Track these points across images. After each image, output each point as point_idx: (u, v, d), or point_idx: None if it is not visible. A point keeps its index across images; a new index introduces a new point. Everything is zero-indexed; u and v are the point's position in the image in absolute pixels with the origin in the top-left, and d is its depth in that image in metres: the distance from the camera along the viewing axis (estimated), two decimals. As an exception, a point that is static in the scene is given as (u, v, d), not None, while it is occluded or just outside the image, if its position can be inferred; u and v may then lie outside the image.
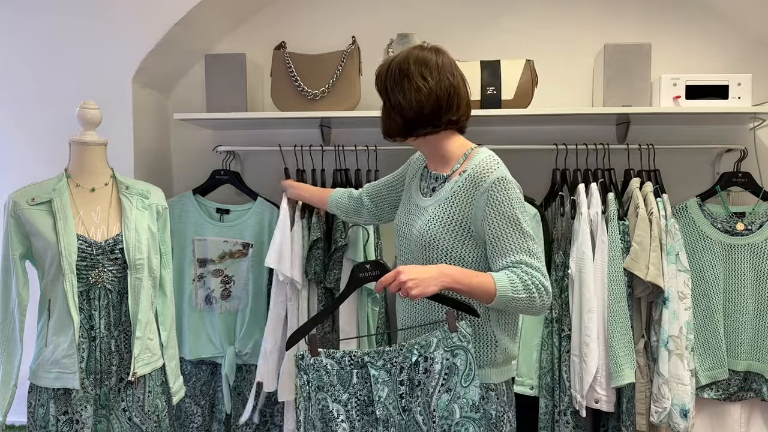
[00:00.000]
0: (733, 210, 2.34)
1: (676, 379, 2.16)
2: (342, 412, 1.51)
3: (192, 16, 2.39)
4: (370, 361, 1.52)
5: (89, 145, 1.88)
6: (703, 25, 2.53)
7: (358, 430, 1.51)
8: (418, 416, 1.50)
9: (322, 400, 1.50)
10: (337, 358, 1.53)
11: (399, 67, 1.59)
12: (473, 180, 1.54)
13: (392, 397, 1.51)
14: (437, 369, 1.49)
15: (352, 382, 1.52)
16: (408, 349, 1.52)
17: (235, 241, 2.39)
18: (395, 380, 1.52)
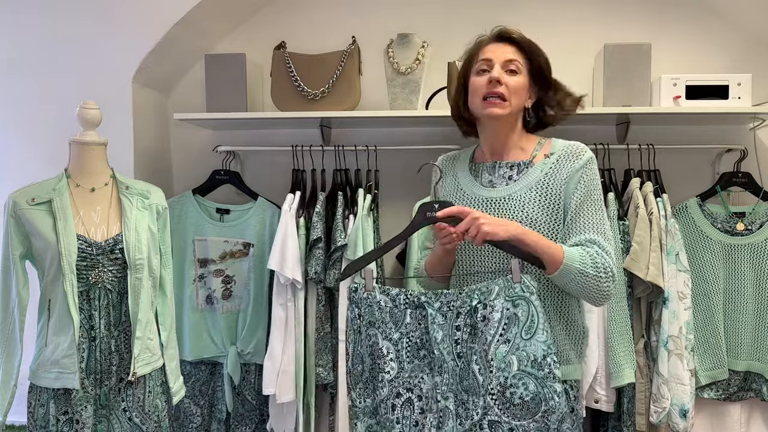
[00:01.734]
0: (733, 210, 2.34)
1: (675, 379, 2.16)
2: (392, 351, 1.45)
3: (192, 16, 2.39)
4: (427, 301, 1.46)
5: (89, 145, 1.88)
6: (703, 25, 2.53)
7: (406, 372, 1.45)
8: (474, 365, 1.42)
9: (372, 335, 1.45)
10: (392, 295, 1.47)
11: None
12: (568, 157, 1.55)
13: (447, 342, 1.44)
14: (496, 317, 1.42)
15: (405, 322, 1.46)
16: (467, 294, 1.46)
17: (235, 241, 2.39)
18: (451, 324, 1.45)
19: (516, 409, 1.39)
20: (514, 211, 1.53)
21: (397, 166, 2.55)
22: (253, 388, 2.38)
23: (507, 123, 1.58)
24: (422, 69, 2.34)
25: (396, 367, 1.45)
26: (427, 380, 1.45)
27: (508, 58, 1.55)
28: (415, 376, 1.46)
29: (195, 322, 2.37)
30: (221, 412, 2.39)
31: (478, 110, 1.57)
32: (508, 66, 1.55)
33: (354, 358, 1.48)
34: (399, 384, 1.45)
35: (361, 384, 1.47)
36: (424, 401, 1.45)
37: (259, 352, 2.35)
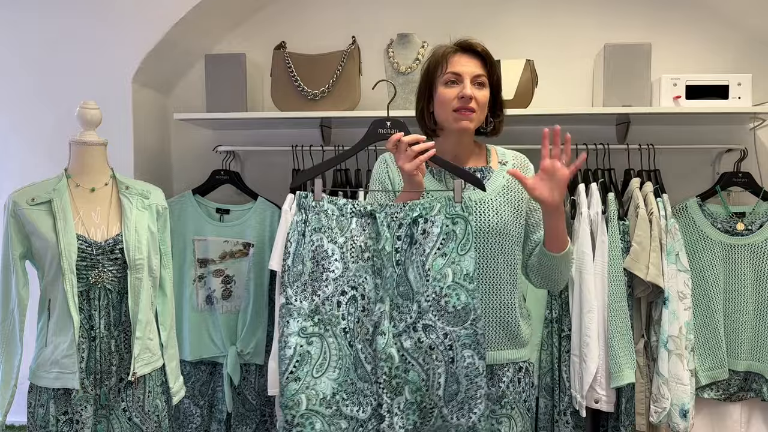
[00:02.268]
0: (733, 210, 2.34)
1: (675, 379, 2.16)
2: (337, 252, 1.51)
3: (192, 16, 2.39)
4: (373, 210, 1.53)
5: (89, 145, 1.88)
6: (703, 25, 2.53)
7: (351, 271, 1.52)
8: (410, 273, 1.50)
9: (317, 240, 1.51)
10: (339, 204, 1.54)
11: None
12: (519, 168, 1.68)
13: (387, 248, 1.51)
14: (435, 232, 1.50)
15: (350, 227, 1.53)
16: (411, 207, 1.52)
17: (235, 241, 2.39)
18: (393, 234, 1.52)
19: (450, 317, 1.48)
20: (489, 214, 1.61)
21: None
22: (254, 388, 2.38)
23: (471, 132, 1.67)
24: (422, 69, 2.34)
25: (341, 267, 1.51)
26: (370, 281, 1.52)
27: (476, 73, 1.61)
28: (360, 275, 1.52)
29: (195, 323, 2.37)
30: (221, 412, 2.39)
31: (448, 122, 1.63)
32: (476, 81, 1.61)
33: (295, 258, 1.51)
34: (344, 282, 1.51)
35: (299, 283, 1.51)
36: (365, 300, 1.51)
37: (259, 353, 2.35)
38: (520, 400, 1.66)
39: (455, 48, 1.63)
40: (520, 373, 1.67)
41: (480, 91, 1.61)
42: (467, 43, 1.63)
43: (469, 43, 1.63)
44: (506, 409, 1.63)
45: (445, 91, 1.61)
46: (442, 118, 1.64)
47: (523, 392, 1.67)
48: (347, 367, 1.50)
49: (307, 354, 1.49)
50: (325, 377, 1.49)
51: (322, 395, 1.48)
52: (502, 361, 1.65)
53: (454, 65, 1.61)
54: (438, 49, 1.65)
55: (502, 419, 1.63)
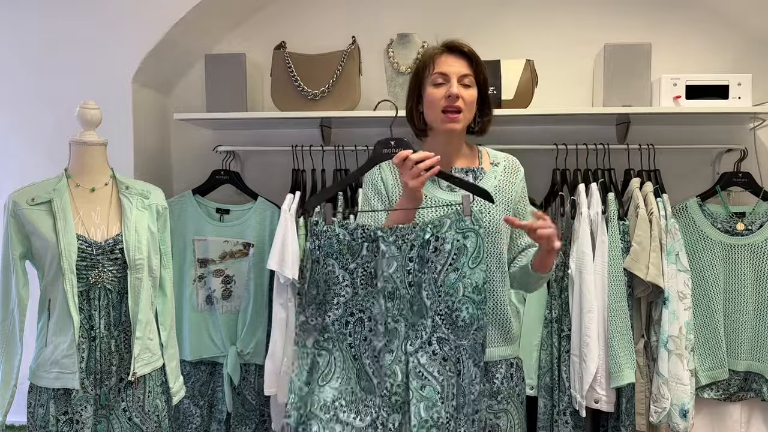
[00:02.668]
0: (733, 210, 2.34)
1: (675, 379, 2.16)
2: (347, 278, 1.56)
3: (192, 16, 2.39)
4: (382, 236, 1.55)
5: (89, 145, 1.88)
6: (703, 25, 2.53)
7: (360, 297, 1.56)
8: (424, 292, 1.53)
9: (329, 265, 1.57)
10: (350, 229, 1.57)
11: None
12: (511, 170, 1.73)
13: (400, 272, 1.54)
14: (447, 249, 1.53)
15: (361, 254, 1.56)
16: (421, 228, 1.55)
17: (235, 241, 2.39)
18: (405, 256, 1.54)
19: (459, 330, 1.52)
20: (481, 214, 1.63)
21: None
22: (253, 388, 2.38)
23: (459, 133, 1.69)
24: (422, 69, 2.34)
25: (350, 292, 1.57)
26: (377, 305, 1.55)
27: (463, 73, 1.63)
28: (368, 300, 1.56)
29: (195, 322, 2.37)
30: (221, 412, 2.39)
31: (437, 123, 1.66)
32: (462, 80, 1.64)
33: (309, 284, 1.58)
34: (353, 306, 1.57)
35: (314, 306, 1.58)
36: (373, 322, 1.56)
37: (259, 352, 2.35)
38: (514, 394, 1.71)
39: (442, 49, 1.67)
40: (512, 368, 1.72)
41: (467, 90, 1.64)
42: (453, 44, 1.66)
43: (455, 43, 1.66)
44: (502, 405, 1.68)
45: (433, 91, 1.64)
46: (431, 118, 1.67)
47: (516, 387, 1.72)
48: (349, 377, 1.57)
49: (316, 363, 1.58)
50: (328, 386, 1.56)
51: (323, 401, 1.55)
52: (496, 358, 1.69)
53: (440, 65, 1.64)
54: (425, 51, 1.70)
55: (499, 414, 1.68)
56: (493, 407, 1.67)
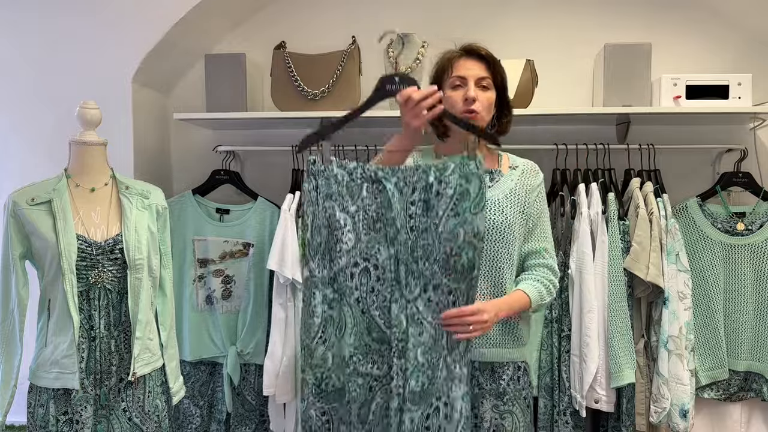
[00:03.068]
0: (734, 210, 2.34)
1: (675, 380, 2.16)
2: (349, 222, 1.52)
3: (192, 16, 2.39)
4: (385, 176, 1.52)
5: (89, 145, 1.88)
6: (703, 25, 2.53)
7: (363, 243, 1.53)
8: (424, 237, 1.52)
9: (329, 208, 1.52)
10: (349, 169, 1.54)
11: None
12: (529, 174, 1.75)
13: (401, 216, 1.52)
14: (449, 193, 1.50)
15: (361, 195, 1.53)
16: (424, 170, 1.51)
17: (235, 241, 2.39)
18: (406, 200, 1.52)
19: (457, 275, 1.50)
20: (494, 212, 1.67)
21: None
22: (253, 388, 2.38)
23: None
24: (422, 69, 2.34)
25: (353, 238, 1.52)
26: (383, 251, 1.52)
27: (480, 75, 1.67)
28: (372, 246, 1.53)
29: (195, 323, 2.37)
30: (221, 412, 2.39)
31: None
32: (480, 83, 1.67)
33: (313, 230, 1.53)
34: (356, 254, 1.53)
35: (319, 255, 1.53)
36: (380, 270, 1.53)
37: (258, 353, 2.35)
38: (520, 397, 1.72)
39: (460, 53, 1.70)
40: (519, 371, 1.73)
41: (484, 93, 1.67)
42: (471, 47, 1.70)
43: (473, 47, 1.70)
44: (508, 406, 1.69)
45: (452, 94, 1.67)
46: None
47: (523, 390, 1.73)
48: (361, 332, 1.54)
49: (331, 318, 1.55)
50: (343, 341, 1.54)
51: (342, 356, 1.54)
52: (503, 360, 1.70)
53: (458, 69, 1.68)
54: (444, 55, 1.72)
55: (505, 415, 1.69)
56: (499, 408, 1.69)
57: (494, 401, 1.69)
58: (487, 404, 1.68)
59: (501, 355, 1.70)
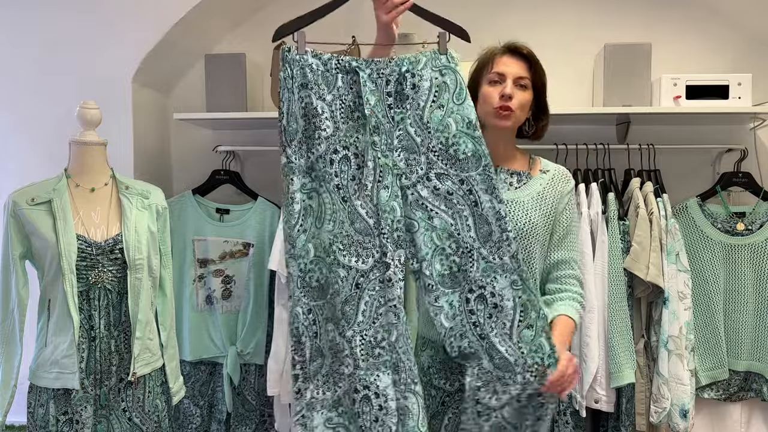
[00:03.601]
0: (734, 210, 2.34)
1: (675, 380, 2.16)
2: (326, 110, 1.52)
3: (192, 16, 2.39)
4: (359, 66, 1.53)
5: (89, 145, 1.88)
6: (703, 24, 2.53)
7: (342, 131, 1.53)
8: (410, 127, 1.53)
9: (305, 97, 1.52)
10: (324, 59, 1.54)
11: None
12: (560, 180, 1.72)
13: (380, 107, 1.53)
14: (426, 86, 1.54)
15: (336, 85, 1.53)
16: (396, 62, 1.54)
17: (235, 241, 2.39)
18: (382, 91, 1.54)
19: (462, 163, 1.53)
20: (519, 213, 1.65)
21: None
22: (253, 388, 2.38)
23: (509, 133, 1.71)
24: (422, 69, 2.34)
25: (332, 126, 1.52)
26: (362, 140, 1.52)
27: (519, 75, 1.66)
28: (351, 135, 1.53)
29: (195, 323, 2.37)
30: (221, 412, 2.39)
31: (488, 119, 1.67)
32: (518, 82, 1.66)
33: (288, 116, 1.53)
34: (336, 142, 1.53)
35: (295, 142, 1.53)
36: (360, 158, 1.52)
37: (259, 353, 2.35)
38: None
39: (503, 49, 1.70)
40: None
41: (522, 92, 1.66)
42: (514, 46, 1.69)
43: (516, 45, 1.69)
44: None
45: (489, 89, 1.67)
46: (482, 114, 1.68)
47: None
48: (341, 221, 1.52)
49: (309, 207, 1.53)
50: (323, 229, 1.52)
51: (323, 244, 1.52)
52: None
53: (499, 65, 1.67)
54: (487, 50, 1.72)
55: None
56: None
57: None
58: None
59: None
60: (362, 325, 1.49)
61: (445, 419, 1.67)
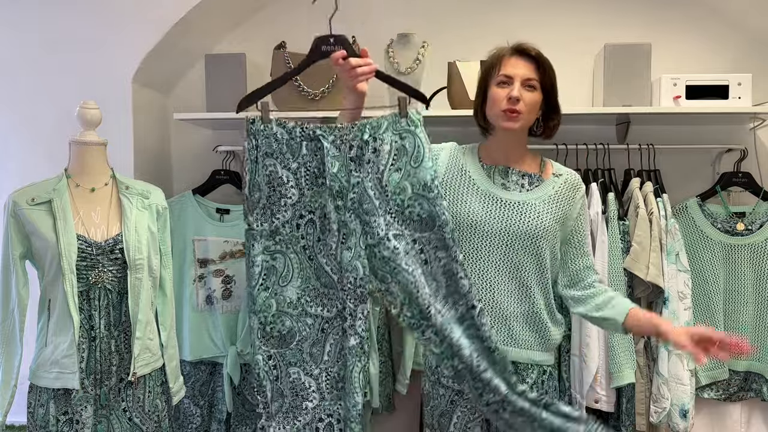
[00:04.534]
0: (733, 210, 2.34)
1: (675, 380, 2.16)
2: (292, 179, 1.61)
3: (192, 16, 2.39)
4: (322, 134, 1.60)
5: (89, 145, 1.88)
6: (703, 24, 2.53)
7: (307, 198, 1.62)
8: (370, 190, 1.60)
9: (270, 165, 1.60)
10: (288, 128, 1.61)
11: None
12: (572, 185, 1.73)
13: (343, 171, 1.60)
14: (386, 149, 1.60)
15: (301, 153, 1.61)
16: (359, 128, 1.61)
17: (235, 241, 2.39)
18: (345, 156, 1.61)
19: (416, 224, 1.61)
20: (529, 216, 1.66)
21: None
22: (254, 388, 2.38)
23: (519, 134, 1.72)
24: (422, 69, 2.34)
25: (297, 193, 1.62)
26: (328, 204, 1.60)
27: (527, 76, 1.66)
28: (315, 200, 1.62)
29: (195, 323, 2.37)
30: (221, 412, 2.39)
31: (496, 120, 1.69)
32: (526, 83, 1.66)
33: (251, 186, 1.61)
34: (301, 207, 1.63)
35: (258, 210, 1.62)
36: (325, 221, 1.62)
37: (259, 352, 2.35)
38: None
39: (511, 51, 1.69)
40: (544, 375, 1.71)
41: (530, 93, 1.66)
42: (522, 47, 1.69)
43: (524, 46, 1.69)
44: None
45: (497, 91, 1.67)
46: (491, 115, 1.70)
47: (546, 394, 1.70)
48: (308, 277, 1.65)
49: (273, 268, 1.64)
50: (289, 286, 1.65)
51: (289, 300, 1.65)
52: (527, 362, 1.69)
53: (506, 67, 1.67)
54: (495, 51, 1.72)
55: None
56: None
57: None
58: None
59: (523, 356, 1.68)
60: (327, 364, 1.66)
61: (453, 417, 1.69)
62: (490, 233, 1.66)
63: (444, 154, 1.75)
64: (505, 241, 1.66)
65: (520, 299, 1.67)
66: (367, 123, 1.60)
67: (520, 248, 1.66)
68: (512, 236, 1.65)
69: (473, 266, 1.67)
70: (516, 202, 1.68)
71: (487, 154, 1.76)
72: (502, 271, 1.66)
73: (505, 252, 1.66)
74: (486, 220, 1.67)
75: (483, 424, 1.71)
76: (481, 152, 1.77)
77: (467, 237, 1.68)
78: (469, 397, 1.67)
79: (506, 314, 1.67)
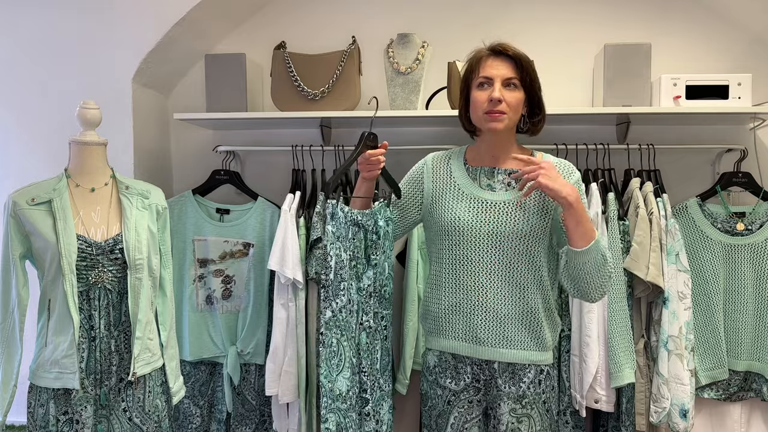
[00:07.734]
0: (733, 210, 2.34)
1: (675, 379, 2.16)
2: (347, 263, 1.74)
3: (192, 16, 2.39)
4: (362, 221, 1.75)
5: (89, 145, 1.88)
6: (703, 24, 2.53)
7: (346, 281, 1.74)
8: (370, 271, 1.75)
9: (337, 248, 1.73)
10: (346, 211, 1.75)
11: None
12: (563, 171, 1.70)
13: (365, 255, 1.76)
14: (382, 234, 1.75)
15: (348, 237, 1.74)
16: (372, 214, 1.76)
17: (235, 241, 2.39)
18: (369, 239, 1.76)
19: (385, 302, 1.77)
20: (518, 216, 1.65)
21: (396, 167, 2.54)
22: (253, 388, 2.38)
23: (505, 134, 1.70)
24: (422, 69, 2.34)
25: (347, 278, 1.74)
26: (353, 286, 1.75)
27: (507, 76, 1.65)
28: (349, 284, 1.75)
29: (195, 322, 2.37)
30: (221, 412, 2.39)
31: (480, 123, 1.69)
32: (506, 83, 1.66)
33: (335, 273, 1.73)
34: (345, 292, 1.74)
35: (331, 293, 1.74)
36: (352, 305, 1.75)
37: (259, 353, 2.35)
38: (539, 401, 1.70)
39: (487, 52, 1.69)
40: (542, 375, 1.71)
41: (511, 92, 1.65)
42: (499, 47, 1.68)
43: (501, 46, 1.68)
44: (526, 409, 1.68)
45: (478, 93, 1.67)
46: (474, 119, 1.70)
47: (543, 393, 1.70)
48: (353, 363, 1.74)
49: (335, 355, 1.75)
50: (340, 376, 1.72)
51: (338, 392, 1.72)
52: (524, 362, 1.68)
53: (485, 69, 1.66)
54: (473, 54, 1.71)
55: (522, 418, 1.67)
56: (516, 411, 1.67)
57: (512, 404, 1.67)
58: (505, 407, 1.67)
59: (521, 357, 1.68)
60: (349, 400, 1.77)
61: (450, 418, 1.70)
62: (479, 237, 1.66)
63: (426, 171, 1.79)
64: (494, 243, 1.65)
65: (514, 300, 1.66)
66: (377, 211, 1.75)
67: (510, 249, 1.65)
68: (500, 238, 1.65)
69: (465, 271, 1.67)
70: (502, 202, 1.67)
71: (474, 156, 1.76)
72: (495, 273, 1.66)
73: (496, 254, 1.66)
74: (473, 225, 1.67)
75: (480, 425, 1.71)
76: (468, 154, 1.77)
77: (457, 243, 1.68)
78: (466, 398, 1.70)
79: (500, 316, 1.67)
